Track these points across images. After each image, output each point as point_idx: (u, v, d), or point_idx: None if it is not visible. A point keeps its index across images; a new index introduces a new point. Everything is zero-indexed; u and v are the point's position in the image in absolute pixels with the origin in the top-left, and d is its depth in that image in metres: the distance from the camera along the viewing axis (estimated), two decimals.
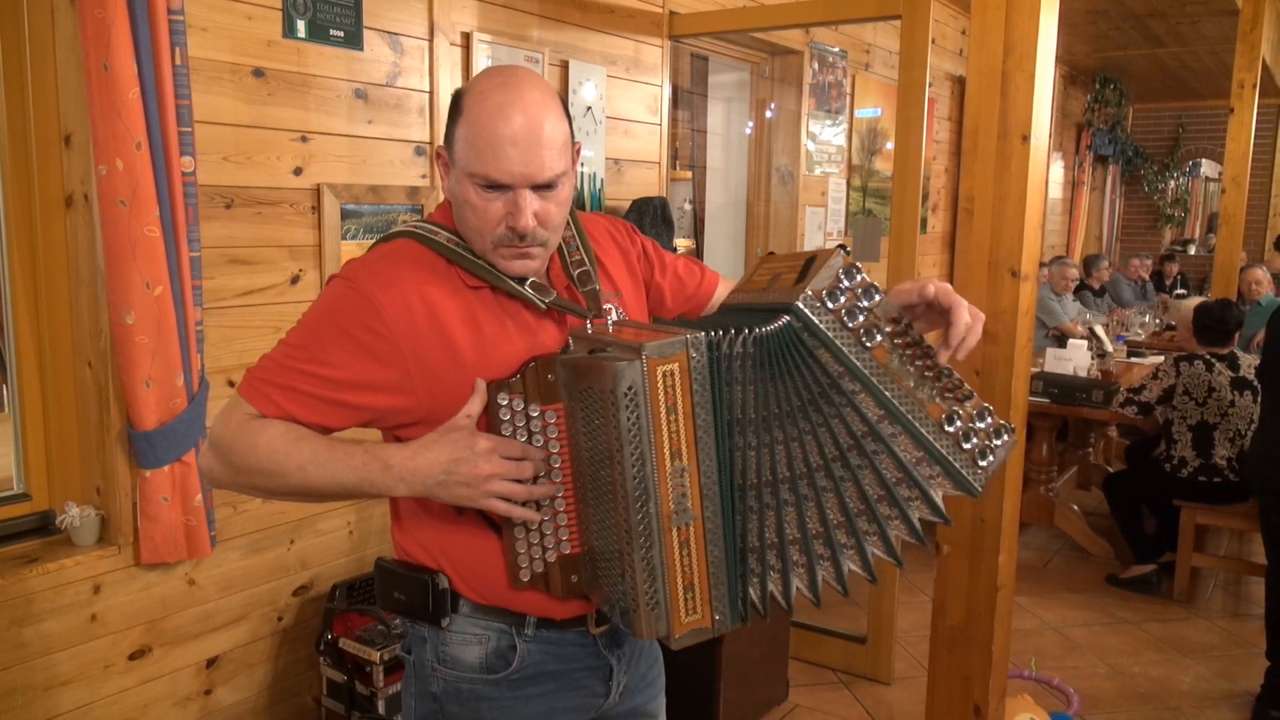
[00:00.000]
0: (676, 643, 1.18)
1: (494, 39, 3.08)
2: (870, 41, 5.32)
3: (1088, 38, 7.44)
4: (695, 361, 1.14)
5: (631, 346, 1.13)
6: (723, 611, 1.19)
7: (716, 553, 1.18)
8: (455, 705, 1.36)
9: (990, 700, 2.40)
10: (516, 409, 1.23)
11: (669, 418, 1.13)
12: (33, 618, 2.18)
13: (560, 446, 1.24)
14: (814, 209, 4.92)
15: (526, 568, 1.27)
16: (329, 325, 1.24)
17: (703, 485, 1.16)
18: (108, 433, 2.29)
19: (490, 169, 1.21)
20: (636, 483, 1.13)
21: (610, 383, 1.11)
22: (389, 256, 1.28)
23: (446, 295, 1.26)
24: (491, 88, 1.23)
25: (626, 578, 1.16)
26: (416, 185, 2.90)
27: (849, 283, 1.18)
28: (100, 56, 2.04)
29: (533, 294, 1.28)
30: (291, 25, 2.53)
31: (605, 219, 1.52)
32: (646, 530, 1.14)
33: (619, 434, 1.12)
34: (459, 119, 1.25)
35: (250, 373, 1.25)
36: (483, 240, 1.26)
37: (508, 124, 1.21)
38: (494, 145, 1.21)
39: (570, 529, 1.26)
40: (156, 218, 2.15)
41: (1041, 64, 2.19)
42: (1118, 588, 4.32)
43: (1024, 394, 2.35)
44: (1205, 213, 11.48)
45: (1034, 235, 2.27)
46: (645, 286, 1.52)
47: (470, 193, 1.24)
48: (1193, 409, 4.08)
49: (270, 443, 1.20)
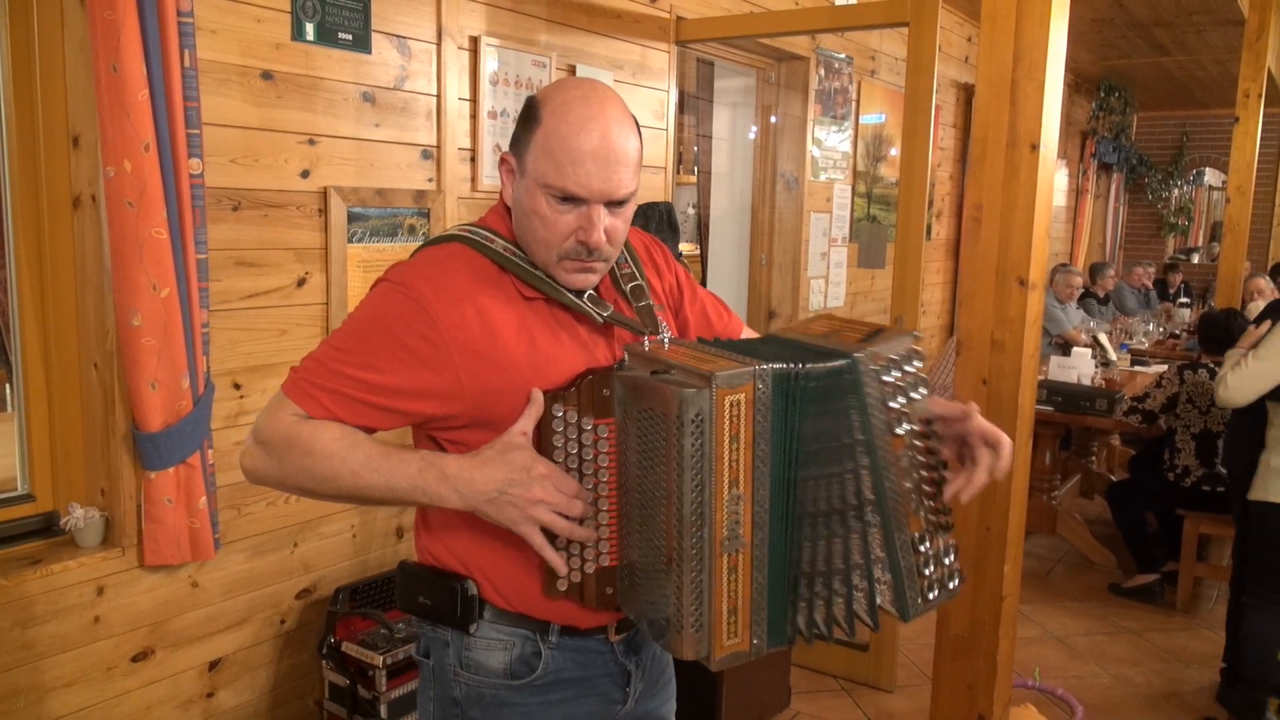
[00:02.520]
0: (716, 664, 1.18)
1: (502, 43, 3.08)
2: (876, 48, 5.32)
3: (1093, 46, 7.44)
4: (760, 393, 1.13)
5: (700, 374, 1.12)
6: (761, 636, 1.19)
7: (761, 580, 1.18)
8: (477, 710, 1.35)
9: (995, 710, 2.39)
10: (570, 420, 1.23)
11: (731, 446, 1.13)
12: (36, 619, 2.17)
13: (609, 461, 1.23)
14: (819, 215, 4.92)
15: (565, 577, 1.26)
16: (379, 330, 1.22)
17: (755, 514, 1.16)
18: (113, 434, 2.29)
19: (569, 182, 1.20)
20: (694, 508, 1.13)
21: (676, 408, 1.10)
22: (442, 262, 1.27)
23: (501, 304, 1.25)
24: (574, 99, 1.22)
25: (672, 598, 1.16)
26: (423, 189, 2.90)
27: (908, 368, 1.18)
28: (109, 58, 2.04)
29: (591, 307, 1.28)
30: (300, 28, 2.53)
31: (645, 236, 1.51)
32: (699, 555, 1.13)
33: (680, 459, 1.11)
34: (535, 126, 1.23)
35: (295, 373, 1.24)
36: (548, 252, 1.25)
37: (589, 138, 1.20)
38: (574, 159, 1.19)
39: (610, 542, 1.25)
40: (164, 219, 2.14)
41: (1051, 73, 2.19)
42: (1121, 597, 4.31)
43: (1030, 404, 2.35)
44: (1209, 221, 11.47)
45: (1042, 244, 2.26)
46: (674, 313, 1.52)
47: (541, 203, 1.23)
48: (1196, 417, 4.07)
49: (326, 446, 1.19)
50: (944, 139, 6.25)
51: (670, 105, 3.84)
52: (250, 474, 1.27)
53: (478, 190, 3.07)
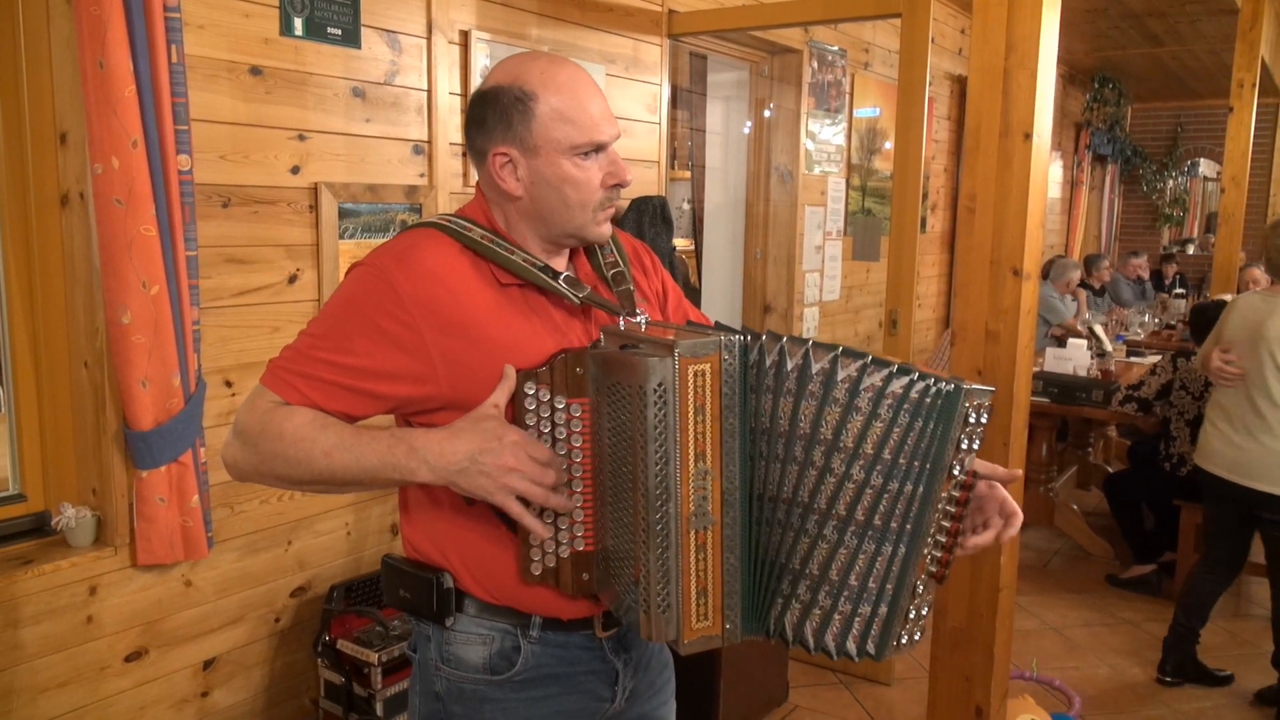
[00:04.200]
0: (685, 648, 1.16)
1: (492, 37, 3.06)
2: (870, 40, 5.31)
3: (1087, 37, 7.43)
4: (727, 364, 1.12)
5: (664, 344, 1.11)
6: (734, 621, 1.17)
7: (733, 560, 1.15)
8: (458, 705, 1.35)
9: (992, 701, 2.39)
10: (543, 399, 1.22)
11: (696, 418, 1.11)
12: (28, 620, 2.16)
13: (583, 441, 1.22)
14: (813, 208, 4.91)
15: (539, 561, 1.25)
16: (352, 313, 1.23)
17: (724, 490, 1.14)
18: (104, 433, 2.27)
19: (594, 134, 1.27)
20: (658, 481, 1.11)
21: (640, 378, 1.09)
22: (416, 245, 1.27)
23: (475, 288, 1.25)
24: (548, 68, 1.27)
25: (640, 578, 1.14)
26: (414, 184, 2.89)
27: (983, 418, 1.10)
28: (96, 53, 2.02)
29: (567, 289, 1.28)
30: (289, 23, 2.51)
31: (635, 241, 1.53)
32: (664, 531, 1.12)
33: (644, 430, 1.10)
34: (532, 105, 1.25)
35: (273, 362, 1.25)
36: (585, 212, 1.30)
37: (587, 92, 1.27)
38: (587, 112, 1.26)
39: (586, 525, 1.24)
40: (153, 216, 2.13)
41: (1043, 62, 2.18)
42: (1118, 588, 4.31)
43: (1026, 394, 2.34)
44: (1204, 212, 11.48)
45: (1036, 234, 2.25)
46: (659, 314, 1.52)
47: (569, 169, 1.27)
48: (1189, 404, 4.07)
49: (297, 429, 1.20)
50: (938, 131, 6.24)
51: (663, 99, 3.83)
52: (230, 467, 1.27)
53: (470, 185, 3.06)
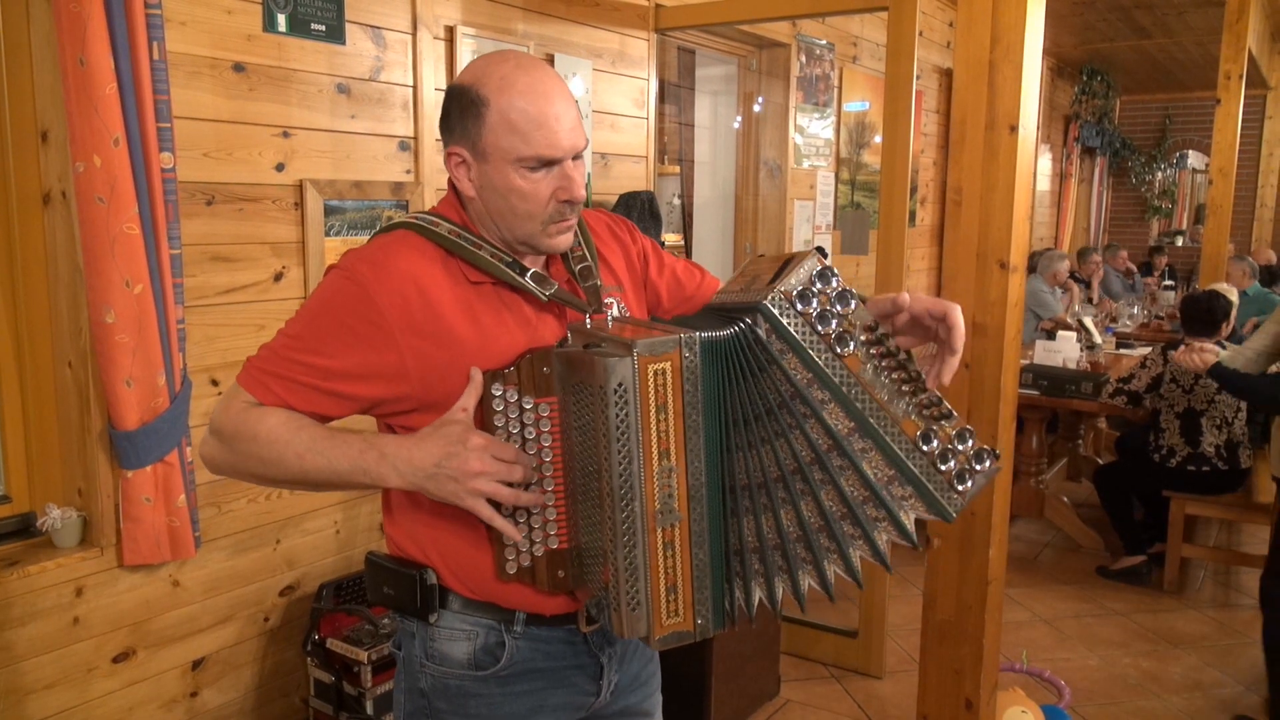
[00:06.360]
0: (656, 644, 1.16)
1: (478, 32, 3.05)
2: (857, 34, 5.31)
3: (1074, 29, 7.45)
4: (688, 361, 1.11)
5: (624, 343, 1.11)
6: (705, 615, 1.17)
7: (702, 555, 1.16)
8: (443, 701, 1.35)
9: (981, 694, 2.39)
10: (510, 400, 1.23)
11: (659, 416, 1.11)
12: (14, 621, 2.15)
13: (552, 440, 1.23)
14: (803, 202, 4.91)
15: (514, 560, 1.26)
16: (325, 315, 1.24)
17: (690, 486, 1.14)
18: (89, 433, 2.26)
19: (542, 148, 1.22)
20: (622, 480, 1.11)
21: (601, 378, 1.10)
22: (387, 247, 1.28)
23: (445, 287, 1.26)
24: (511, 72, 1.23)
25: (610, 576, 1.15)
26: (400, 180, 2.87)
27: (822, 286, 1.13)
28: (76, 51, 2.01)
29: (534, 286, 1.28)
30: (272, 19, 2.49)
31: (607, 215, 1.51)
32: (630, 529, 1.12)
33: (607, 430, 1.10)
34: (483, 109, 1.22)
35: (250, 361, 1.26)
36: (532, 223, 1.26)
37: (547, 100, 1.22)
38: (540, 124, 1.21)
39: (559, 524, 1.25)
40: (136, 215, 2.11)
41: (1029, 54, 2.18)
42: (1108, 579, 4.32)
43: (1013, 386, 2.34)
44: (1193, 204, 11.51)
45: (1022, 226, 2.25)
46: (643, 285, 1.52)
47: (515, 179, 1.24)
48: (1179, 396, 4.08)
49: (271, 431, 1.21)
50: (927, 125, 6.24)
51: (650, 94, 3.82)
52: (207, 463, 1.29)
53: None
